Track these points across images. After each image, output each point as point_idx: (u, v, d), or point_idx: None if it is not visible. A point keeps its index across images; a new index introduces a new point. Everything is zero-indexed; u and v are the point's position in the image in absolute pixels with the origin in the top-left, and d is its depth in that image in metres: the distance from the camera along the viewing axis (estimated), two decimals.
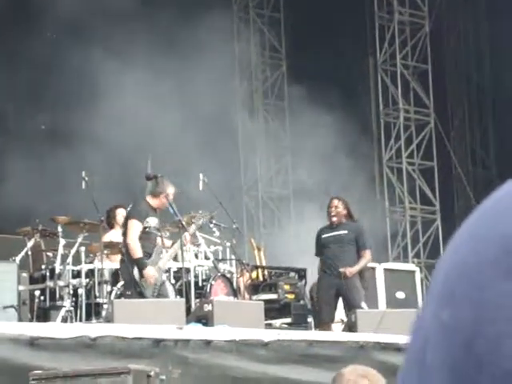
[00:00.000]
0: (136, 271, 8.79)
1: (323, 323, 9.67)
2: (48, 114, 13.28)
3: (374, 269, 11.41)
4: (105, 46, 13.29)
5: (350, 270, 9.49)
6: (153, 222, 8.94)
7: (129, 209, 9.22)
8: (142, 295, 8.74)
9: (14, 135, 13.03)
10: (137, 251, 8.74)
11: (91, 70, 13.34)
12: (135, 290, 8.77)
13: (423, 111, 17.12)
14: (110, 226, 10.10)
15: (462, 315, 0.57)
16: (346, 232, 9.64)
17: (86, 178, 9.64)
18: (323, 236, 9.73)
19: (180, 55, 13.92)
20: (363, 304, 9.50)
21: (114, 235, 10.00)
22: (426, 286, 13.03)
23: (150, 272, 8.71)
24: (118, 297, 9.19)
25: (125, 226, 9.07)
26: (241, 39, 16.95)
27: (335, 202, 9.70)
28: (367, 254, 9.75)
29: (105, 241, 9.67)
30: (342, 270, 9.47)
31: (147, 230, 8.88)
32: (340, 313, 9.93)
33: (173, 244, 9.31)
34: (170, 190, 9.10)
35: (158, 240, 9.03)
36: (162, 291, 8.92)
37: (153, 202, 9.02)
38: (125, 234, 8.98)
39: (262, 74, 17.20)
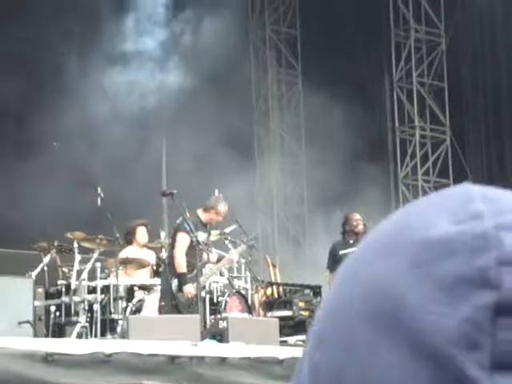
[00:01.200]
0: (175, 284, 8.77)
1: None
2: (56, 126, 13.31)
3: None
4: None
5: None
6: (201, 236, 8.87)
7: (178, 221, 9.18)
8: (176, 308, 8.68)
9: (29, 153, 13.06)
10: (181, 266, 8.71)
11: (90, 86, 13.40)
12: (170, 302, 8.74)
13: (439, 129, 17.09)
14: (128, 241, 10.10)
15: (329, 358, 0.56)
16: None
17: (102, 195, 9.66)
18: (340, 252, 9.67)
19: (195, 71, 13.97)
20: None
21: (130, 251, 10.00)
22: None
23: (189, 289, 8.68)
24: (133, 313, 9.18)
25: (173, 238, 9.02)
26: (257, 56, 16.99)
27: (359, 217, 9.64)
28: None
29: (121, 257, 9.67)
30: None
31: (194, 244, 8.82)
32: None
33: (218, 261, 9.27)
34: (221, 207, 9.00)
35: (204, 255, 8.96)
36: (199, 310, 8.80)
37: (203, 216, 8.96)
38: (172, 246, 8.94)
39: (278, 90, 17.22)
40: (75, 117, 13.27)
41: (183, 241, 8.78)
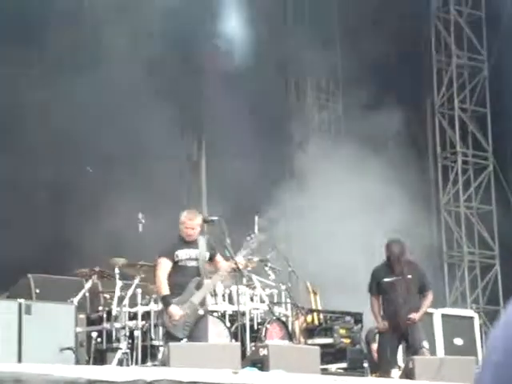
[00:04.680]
0: (161, 309, 8.69)
1: (385, 371, 9.49)
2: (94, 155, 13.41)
3: (431, 314, 11.26)
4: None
5: (416, 317, 9.34)
6: (183, 254, 8.61)
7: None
8: (168, 334, 8.54)
9: (69, 181, 13.14)
10: (162, 289, 8.50)
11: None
12: (163, 329, 8.64)
13: (481, 155, 16.97)
14: None
15: None
16: (409, 277, 9.46)
17: (143, 221, 9.69)
18: (385, 280, 9.51)
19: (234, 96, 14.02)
20: (425, 343, 9.34)
21: None
22: (484, 333, 12.83)
23: (173, 310, 8.43)
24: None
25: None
26: (297, 79, 17.02)
27: (395, 250, 9.48)
28: (430, 295, 9.60)
29: None
30: (410, 316, 9.30)
31: (180, 264, 8.60)
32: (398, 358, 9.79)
33: (212, 277, 8.92)
34: (182, 217, 8.65)
35: (195, 271, 8.55)
36: (197, 330, 8.53)
37: (181, 232, 8.72)
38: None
39: (319, 114, 17.21)
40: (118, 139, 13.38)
41: (160, 264, 8.59)
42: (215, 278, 8.80)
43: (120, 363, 9.16)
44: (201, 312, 8.59)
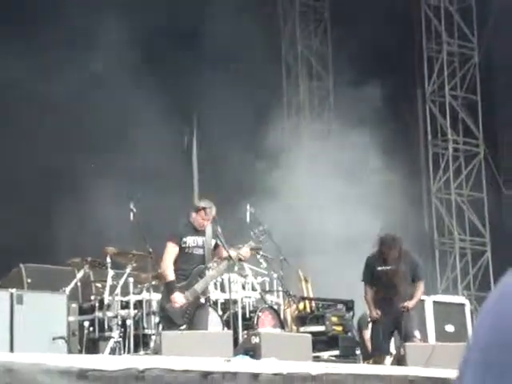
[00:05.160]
0: (163, 295, 8.69)
1: (377, 359, 9.52)
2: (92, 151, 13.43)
3: (422, 301, 11.30)
4: None
5: (410, 305, 9.39)
6: (191, 241, 8.59)
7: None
8: (168, 319, 8.52)
9: (60, 171, 13.14)
10: (167, 275, 8.50)
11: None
12: (163, 314, 8.66)
13: (472, 142, 17.00)
14: None
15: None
16: (402, 266, 9.48)
17: (134, 210, 9.68)
18: (378, 268, 9.54)
19: (227, 88, 14.01)
20: (416, 333, 9.40)
21: None
22: (476, 319, 12.85)
23: (176, 298, 8.43)
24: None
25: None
26: (289, 70, 17.01)
27: (387, 250, 9.48)
28: (422, 285, 9.67)
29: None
30: (403, 304, 9.35)
31: (186, 251, 8.58)
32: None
33: (216, 266, 8.90)
34: (203, 204, 8.65)
35: (201, 259, 8.56)
36: (197, 318, 8.54)
37: (192, 219, 8.68)
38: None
39: (310, 104, 17.22)
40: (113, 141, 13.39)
41: (168, 249, 8.55)
42: (220, 268, 8.75)
43: (112, 352, 9.18)
44: (202, 300, 8.60)
